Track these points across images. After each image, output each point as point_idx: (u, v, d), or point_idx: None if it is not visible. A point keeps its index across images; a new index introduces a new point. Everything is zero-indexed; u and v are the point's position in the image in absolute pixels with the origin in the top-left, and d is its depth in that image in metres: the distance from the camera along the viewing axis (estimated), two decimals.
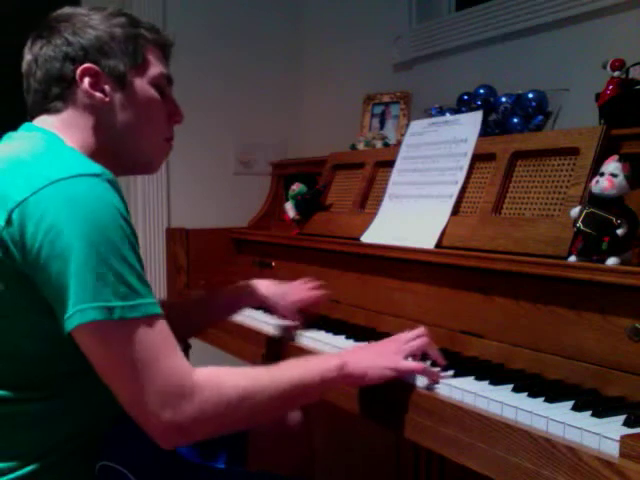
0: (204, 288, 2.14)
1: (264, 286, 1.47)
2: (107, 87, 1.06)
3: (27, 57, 1.08)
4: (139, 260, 0.93)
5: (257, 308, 1.61)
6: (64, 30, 1.06)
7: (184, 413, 0.90)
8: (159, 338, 0.91)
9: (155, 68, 1.11)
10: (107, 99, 1.06)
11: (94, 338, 0.89)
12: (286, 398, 1.01)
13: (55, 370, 0.99)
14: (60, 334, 0.90)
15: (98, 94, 1.05)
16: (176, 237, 2.20)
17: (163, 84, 1.13)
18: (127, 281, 0.89)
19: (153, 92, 1.10)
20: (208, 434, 0.96)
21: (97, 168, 0.94)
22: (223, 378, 0.95)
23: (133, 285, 0.90)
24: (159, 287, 2.49)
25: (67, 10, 1.09)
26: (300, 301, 1.46)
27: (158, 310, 0.93)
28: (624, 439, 0.80)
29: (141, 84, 1.09)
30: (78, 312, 0.87)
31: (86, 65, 1.05)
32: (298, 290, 1.48)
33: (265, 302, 1.47)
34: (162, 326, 0.92)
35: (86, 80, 1.05)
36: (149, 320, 0.91)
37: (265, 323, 1.57)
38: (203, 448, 1.26)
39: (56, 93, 1.06)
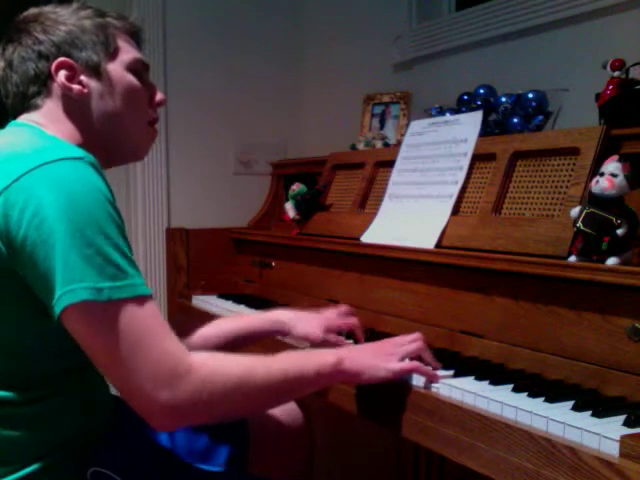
0: (204, 288, 2.14)
1: (280, 311, 1.39)
2: (84, 78, 1.06)
3: (0, 64, 1.08)
4: (126, 241, 0.93)
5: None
6: (33, 30, 1.06)
7: (180, 394, 0.89)
8: (150, 319, 0.90)
9: (129, 54, 1.11)
10: (85, 90, 1.06)
11: (83, 320, 0.87)
12: (281, 388, 1.00)
13: (51, 368, 0.98)
14: (51, 331, 0.90)
15: (76, 86, 1.05)
16: (176, 237, 2.20)
17: (139, 69, 1.13)
18: (114, 262, 0.88)
19: (131, 77, 1.10)
20: (205, 417, 0.96)
21: (79, 152, 0.94)
22: (220, 361, 0.95)
23: (121, 265, 0.89)
24: (159, 287, 2.49)
25: (33, 10, 1.09)
26: (333, 327, 1.34)
27: (148, 291, 0.92)
28: (624, 439, 0.80)
29: (117, 71, 1.09)
30: (67, 292, 0.86)
31: (60, 59, 1.05)
32: (329, 316, 1.37)
33: (278, 326, 1.35)
34: (153, 307, 0.91)
35: (61, 74, 1.05)
36: (139, 301, 0.89)
37: None
38: (204, 447, 1.26)
39: (34, 92, 1.06)
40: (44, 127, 1.03)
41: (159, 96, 1.17)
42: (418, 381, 1.10)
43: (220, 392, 0.93)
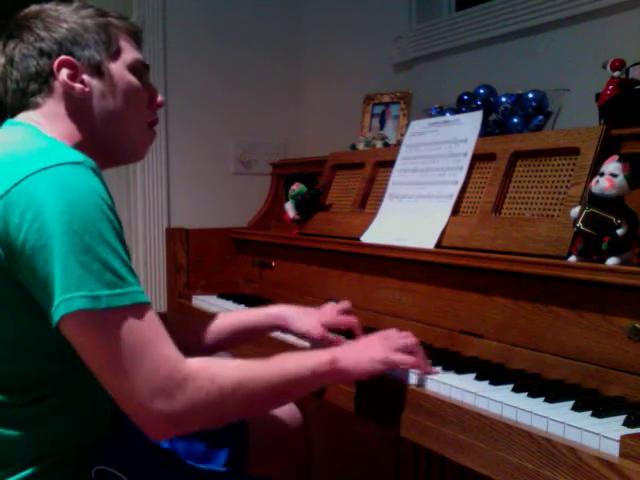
0: (204, 288, 2.14)
1: (279, 307, 1.39)
2: (85, 77, 1.05)
3: (0, 60, 1.08)
4: (125, 248, 0.92)
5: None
6: (35, 27, 1.05)
7: (176, 403, 0.88)
8: (148, 327, 0.90)
9: (130, 54, 1.10)
10: (87, 89, 1.05)
11: (81, 328, 0.87)
12: (278, 391, 1.00)
13: (50, 370, 0.98)
14: (50, 333, 0.89)
15: (78, 85, 1.05)
16: (176, 237, 2.20)
17: (140, 70, 1.12)
18: (113, 269, 0.88)
19: (132, 78, 1.10)
20: (200, 425, 0.95)
21: (79, 156, 0.93)
22: (216, 368, 0.95)
23: (120, 273, 0.89)
24: (159, 287, 2.49)
25: (35, 8, 1.09)
26: (332, 323, 1.34)
27: (146, 299, 0.91)
28: (624, 439, 0.81)
29: (119, 71, 1.08)
30: (64, 302, 0.85)
31: (62, 57, 1.04)
32: (329, 312, 1.36)
33: (277, 321, 1.35)
34: (151, 315, 0.91)
35: (64, 72, 1.04)
36: (137, 308, 0.89)
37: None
38: (203, 449, 1.26)
39: (34, 89, 1.05)
40: (42, 127, 1.03)
41: (159, 98, 1.17)
42: (417, 380, 1.10)
43: (216, 400, 0.92)
